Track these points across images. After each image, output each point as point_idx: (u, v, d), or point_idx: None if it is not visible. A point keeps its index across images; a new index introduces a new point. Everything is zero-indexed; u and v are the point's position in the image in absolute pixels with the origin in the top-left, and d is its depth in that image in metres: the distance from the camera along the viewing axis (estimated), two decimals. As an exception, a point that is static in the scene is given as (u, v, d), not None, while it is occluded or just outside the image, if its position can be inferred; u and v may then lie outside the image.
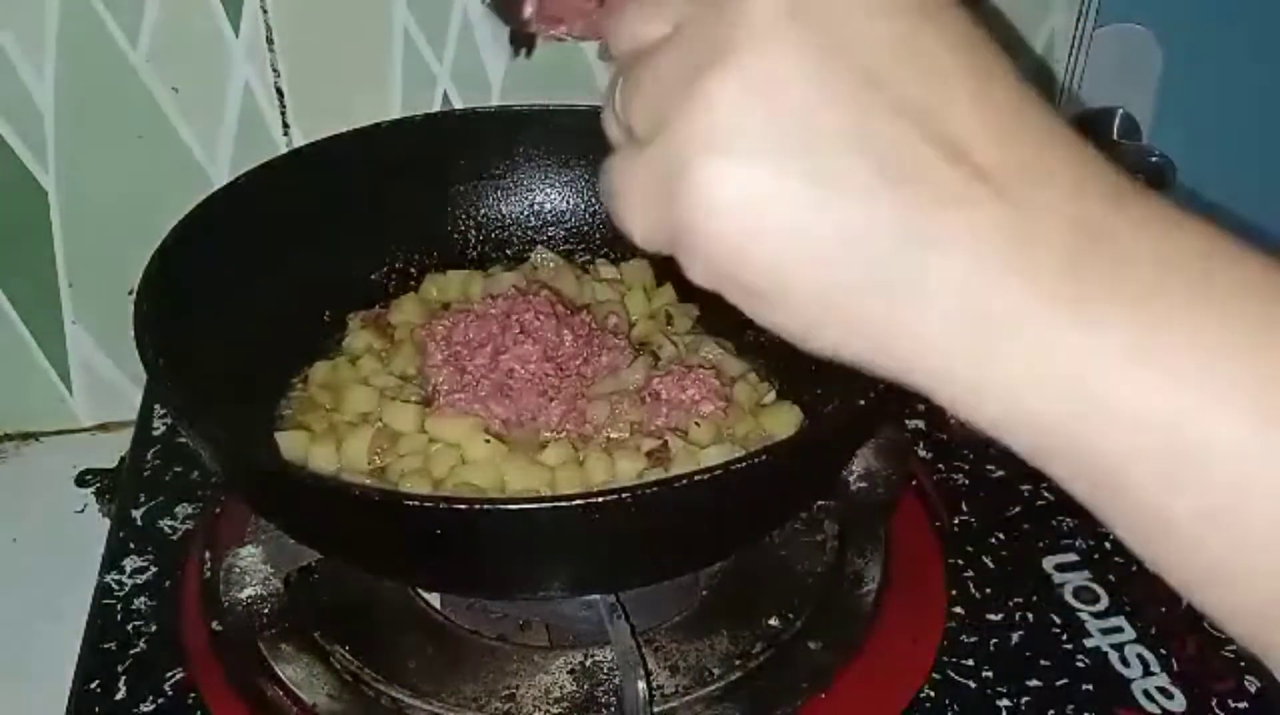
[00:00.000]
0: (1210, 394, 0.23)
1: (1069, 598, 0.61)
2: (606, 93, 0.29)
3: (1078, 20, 0.82)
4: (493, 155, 0.73)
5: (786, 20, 0.25)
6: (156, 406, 0.74)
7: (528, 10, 0.53)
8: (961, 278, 0.24)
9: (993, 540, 0.64)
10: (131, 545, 0.64)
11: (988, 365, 0.24)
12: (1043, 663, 0.57)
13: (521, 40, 0.62)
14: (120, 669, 0.56)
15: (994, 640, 0.58)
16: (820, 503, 0.60)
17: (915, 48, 0.25)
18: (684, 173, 0.25)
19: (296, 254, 0.64)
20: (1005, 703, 0.55)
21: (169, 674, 0.56)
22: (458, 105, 0.75)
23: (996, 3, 0.79)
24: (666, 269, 0.73)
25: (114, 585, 0.61)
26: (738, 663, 0.55)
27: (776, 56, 0.25)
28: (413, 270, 0.72)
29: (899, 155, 0.24)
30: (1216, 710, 0.55)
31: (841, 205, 0.24)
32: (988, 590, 0.61)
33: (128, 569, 0.62)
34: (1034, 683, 0.56)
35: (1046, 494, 0.67)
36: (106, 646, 0.58)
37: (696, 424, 0.60)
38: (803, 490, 0.54)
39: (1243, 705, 0.55)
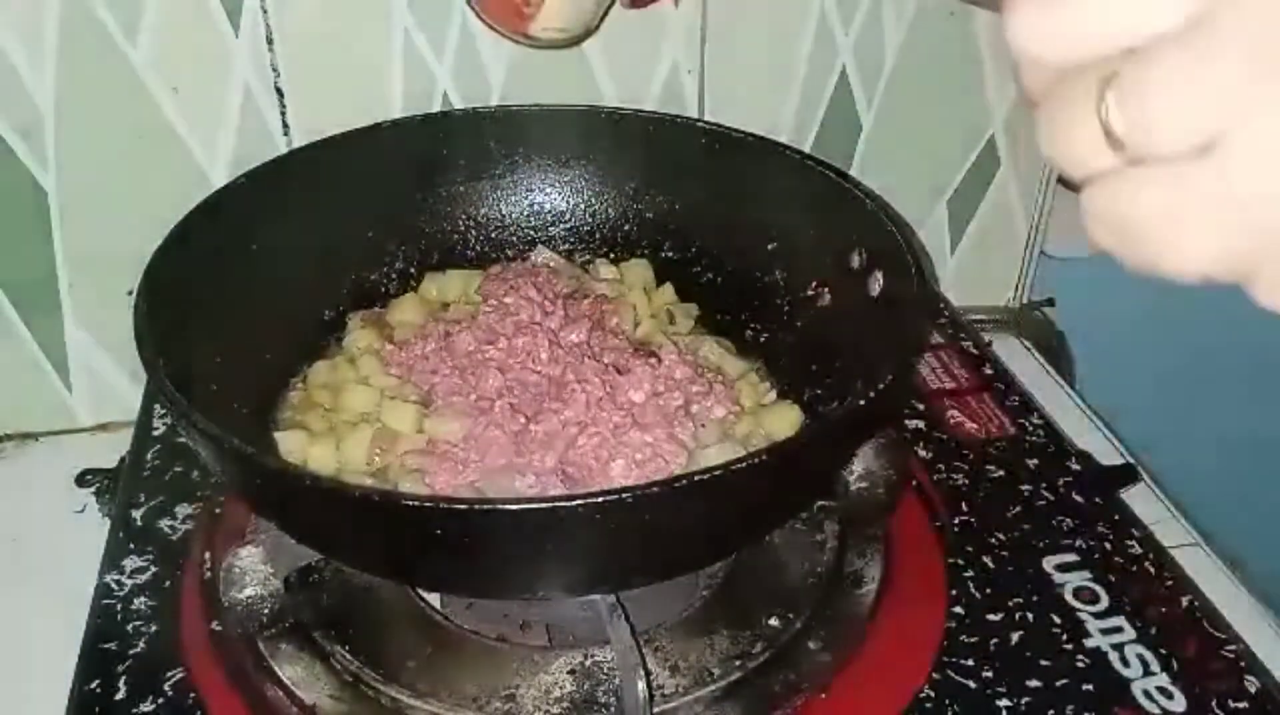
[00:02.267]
0: None
1: (1069, 598, 0.61)
2: (1047, 122, 0.25)
3: (1078, 20, 0.81)
4: (493, 155, 0.73)
5: None
6: (156, 406, 0.74)
7: None
8: None
9: (993, 540, 0.64)
10: (131, 545, 0.64)
11: None
12: (1043, 663, 0.57)
13: None
14: (120, 669, 0.56)
15: (994, 640, 0.58)
16: (820, 503, 0.60)
17: None
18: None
19: (296, 254, 0.64)
20: (1005, 703, 0.55)
21: (169, 674, 0.56)
22: (458, 105, 0.75)
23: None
24: (666, 269, 0.73)
25: (114, 585, 0.61)
26: (738, 663, 0.55)
27: None
28: (413, 270, 0.72)
29: None
30: (1216, 710, 0.55)
31: None
32: (988, 590, 0.61)
33: (128, 569, 0.62)
34: (1034, 683, 0.56)
35: (1046, 494, 0.66)
36: (106, 646, 0.57)
37: (703, 425, 0.60)
38: (803, 490, 0.54)
39: (1242, 705, 0.55)
